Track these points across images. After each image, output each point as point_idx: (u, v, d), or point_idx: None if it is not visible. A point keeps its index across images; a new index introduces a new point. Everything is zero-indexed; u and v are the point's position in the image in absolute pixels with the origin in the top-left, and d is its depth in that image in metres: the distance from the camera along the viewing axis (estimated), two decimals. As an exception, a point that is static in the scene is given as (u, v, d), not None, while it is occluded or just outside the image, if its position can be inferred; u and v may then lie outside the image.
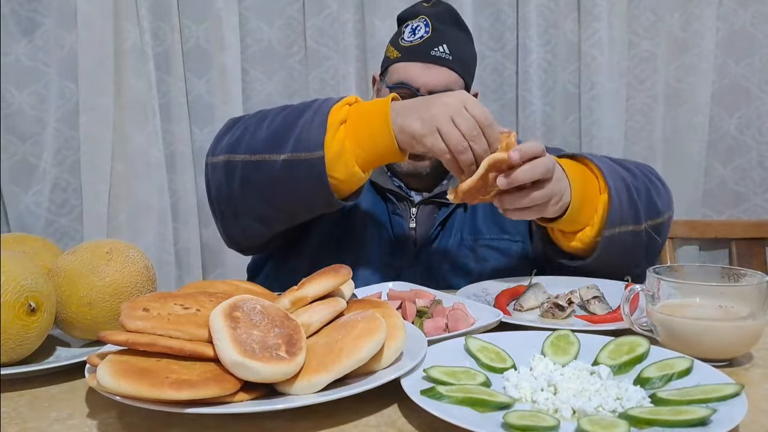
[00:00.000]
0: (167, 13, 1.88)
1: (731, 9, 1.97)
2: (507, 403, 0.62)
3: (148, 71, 1.85)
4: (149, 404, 0.57)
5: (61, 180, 1.87)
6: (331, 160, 0.97)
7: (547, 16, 1.98)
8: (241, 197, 1.07)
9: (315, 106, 1.02)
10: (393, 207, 1.28)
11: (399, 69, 1.24)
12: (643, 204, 1.09)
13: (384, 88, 1.27)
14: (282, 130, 1.02)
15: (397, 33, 1.29)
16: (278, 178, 1.01)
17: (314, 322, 0.69)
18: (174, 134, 1.92)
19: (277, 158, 1.00)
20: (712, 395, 0.60)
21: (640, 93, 2.02)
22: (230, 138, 1.09)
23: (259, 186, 1.04)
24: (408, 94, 1.22)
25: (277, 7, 1.94)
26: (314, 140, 0.97)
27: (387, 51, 1.30)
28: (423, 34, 1.23)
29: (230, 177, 1.06)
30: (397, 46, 1.26)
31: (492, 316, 0.86)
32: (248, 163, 1.03)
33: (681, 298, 0.78)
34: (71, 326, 0.81)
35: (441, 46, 1.23)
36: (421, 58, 1.22)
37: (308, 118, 1.00)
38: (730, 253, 1.99)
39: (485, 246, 1.28)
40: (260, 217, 1.10)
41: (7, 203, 1.84)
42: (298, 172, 0.99)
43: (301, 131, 0.99)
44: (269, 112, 1.10)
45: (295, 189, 1.01)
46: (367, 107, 1.01)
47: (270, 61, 1.96)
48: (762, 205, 2.03)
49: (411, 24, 1.26)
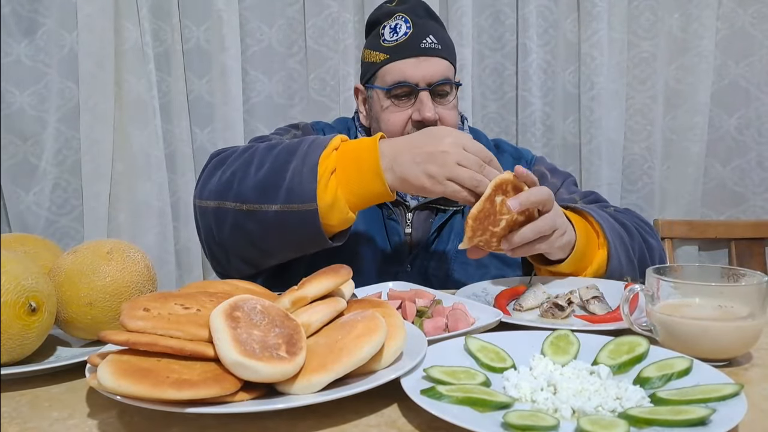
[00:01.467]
0: (168, 14, 1.88)
1: (731, 9, 1.97)
2: (507, 403, 0.62)
3: (148, 71, 1.85)
4: (149, 404, 0.57)
5: (62, 180, 1.87)
6: (324, 209, 0.96)
7: (547, 16, 1.98)
8: (233, 243, 1.06)
9: (302, 151, 1.00)
10: (388, 212, 1.27)
11: (392, 69, 1.23)
12: (638, 261, 1.13)
13: (376, 92, 1.26)
14: (272, 179, 1.00)
15: (374, 37, 1.27)
16: (271, 227, 1.00)
17: (314, 322, 0.69)
18: (174, 134, 1.92)
19: (269, 209, 0.99)
20: (712, 395, 0.60)
21: (640, 93, 2.02)
22: (219, 182, 1.06)
23: (252, 234, 1.03)
24: (407, 91, 1.22)
25: (277, 7, 1.94)
26: (306, 192, 0.96)
27: (367, 57, 1.28)
28: (406, 30, 1.22)
29: (221, 223, 1.05)
30: (380, 48, 1.24)
31: (492, 316, 0.86)
32: (240, 212, 1.02)
33: (681, 298, 0.78)
34: (72, 326, 0.81)
35: (428, 38, 1.23)
36: (412, 53, 1.22)
37: (297, 166, 0.98)
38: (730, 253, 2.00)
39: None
40: (251, 260, 1.10)
41: (7, 203, 1.84)
42: (292, 222, 0.98)
43: (292, 181, 0.97)
44: (256, 152, 1.06)
45: (287, 237, 1.01)
46: (355, 152, 0.99)
47: (270, 62, 1.96)
48: (761, 205, 2.03)
49: (388, 24, 1.25)
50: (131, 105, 1.86)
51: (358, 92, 1.35)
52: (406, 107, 1.23)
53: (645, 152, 2.03)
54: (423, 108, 1.20)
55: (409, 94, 1.23)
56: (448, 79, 1.24)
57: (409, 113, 1.22)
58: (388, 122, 1.24)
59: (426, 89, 1.21)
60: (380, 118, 1.26)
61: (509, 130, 2.03)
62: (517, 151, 1.42)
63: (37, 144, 1.84)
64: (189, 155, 1.93)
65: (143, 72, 1.85)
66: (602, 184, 1.99)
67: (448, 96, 1.25)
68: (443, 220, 1.27)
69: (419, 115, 1.20)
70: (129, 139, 1.86)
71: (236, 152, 1.09)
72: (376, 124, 1.29)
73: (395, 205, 1.27)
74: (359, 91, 1.34)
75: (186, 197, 1.93)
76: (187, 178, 1.93)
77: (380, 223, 1.27)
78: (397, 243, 1.26)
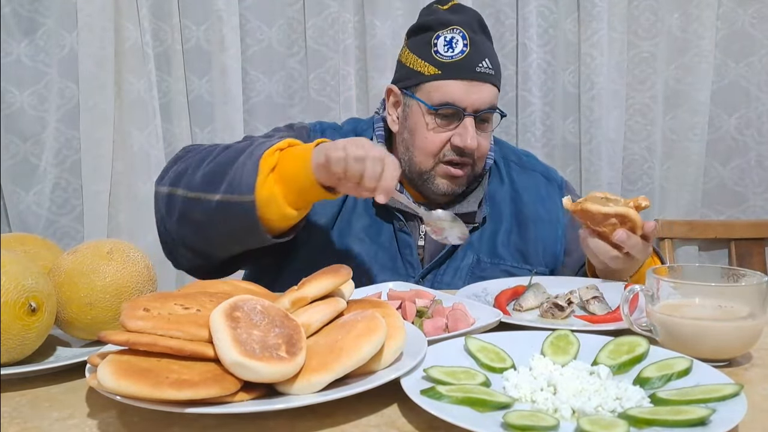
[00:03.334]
0: (168, 14, 1.88)
1: (731, 9, 1.97)
2: (506, 403, 0.62)
3: (148, 71, 1.85)
4: (149, 404, 0.57)
5: (62, 180, 1.87)
6: (261, 203, 0.99)
7: (547, 16, 1.98)
8: (179, 230, 1.10)
9: (250, 149, 1.04)
10: (400, 224, 1.23)
11: (441, 88, 1.18)
12: None
13: (418, 104, 1.20)
14: (218, 171, 1.04)
15: (424, 44, 1.21)
16: (213, 216, 1.04)
17: (314, 322, 0.69)
18: (174, 134, 1.92)
19: (212, 198, 1.03)
20: (712, 395, 0.60)
21: (640, 93, 2.02)
22: (175, 170, 1.11)
23: (196, 222, 1.07)
24: (452, 113, 1.18)
25: (277, 7, 1.94)
26: (245, 184, 0.99)
27: (412, 63, 1.22)
28: (463, 48, 1.18)
29: (170, 210, 1.09)
30: (432, 60, 1.19)
31: (492, 316, 0.86)
32: (186, 200, 1.06)
33: (680, 298, 0.78)
34: (72, 326, 0.81)
35: (483, 61, 1.18)
36: (465, 76, 1.17)
37: (241, 161, 1.02)
38: (730, 253, 2.00)
39: (504, 271, 1.24)
40: (197, 250, 1.12)
41: (7, 203, 1.84)
42: (231, 212, 1.01)
43: (234, 174, 1.02)
44: (213, 149, 1.11)
45: (228, 228, 1.04)
46: (294, 151, 1.03)
47: (270, 62, 1.96)
48: (761, 205, 2.03)
49: (443, 35, 1.19)
50: (131, 105, 1.86)
51: (391, 94, 1.27)
52: (447, 129, 1.19)
53: (645, 152, 2.03)
54: (466, 134, 1.17)
55: (453, 116, 1.19)
56: (495, 109, 1.22)
57: (449, 136, 1.19)
58: (426, 140, 1.20)
59: (471, 115, 1.18)
60: (418, 133, 1.21)
61: (509, 130, 2.03)
62: (547, 171, 1.38)
63: (37, 144, 1.84)
64: (189, 155, 1.93)
65: (143, 72, 1.85)
66: (602, 184, 1.99)
67: (489, 123, 1.23)
68: None
69: (461, 142, 1.18)
70: (129, 139, 1.86)
71: (198, 147, 1.16)
72: (409, 135, 1.24)
73: (408, 218, 1.24)
74: (392, 93, 1.27)
75: (186, 197, 1.93)
76: (187, 178, 1.93)
77: (391, 235, 1.24)
78: (408, 256, 1.23)
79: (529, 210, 1.30)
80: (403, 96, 1.25)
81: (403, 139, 1.26)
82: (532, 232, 1.29)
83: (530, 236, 1.28)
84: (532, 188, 1.33)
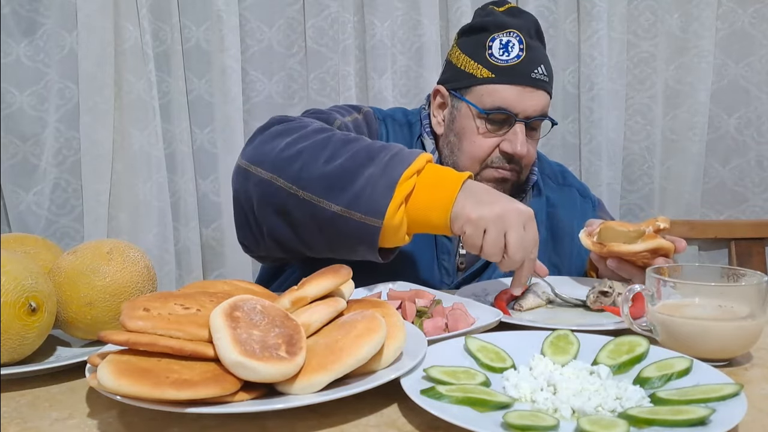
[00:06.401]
0: (167, 14, 1.88)
1: (730, 9, 1.97)
2: (506, 403, 0.62)
3: (148, 71, 1.85)
4: (149, 404, 0.57)
5: (62, 180, 1.87)
6: (388, 230, 0.91)
7: (547, 16, 1.98)
8: (275, 223, 0.98)
9: (382, 161, 0.92)
10: None
11: (495, 92, 1.15)
12: None
13: (468, 107, 1.17)
14: (342, 177, 0.92)
15: (477, 45, 1.18)
16: (323, 225, 0.93)
17: (314, 322, 0.69)
18: (174, 134, 1.92)
19: (329, 207, 0.92)
20: (712, 395, 0.60)
21: (640, 93, 2.02)
22: (279, 154, 0.97)
23: (299, 222, 0.96)
24: (504, 118, 1.16)
25: (277, 7, 1.94)
26: (376, 205, 0.89)
27: (464, 64, 1.19)
28: (519, 53, 1.15)
29: (267, 198, 0.97)
30: (486, 63, 1.16)
31: (492, 316, 0.86)
32: (293, 197, 0.94)
33: (680, 298, 0.78)
34: (72, 326, 0.81)
35: (539, 67, 1.16)
36: (520, 81, 1.15)
37: (374, 174, 0.91)
38: (730, 253, 2.00)
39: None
40: (286, 247, 1.02)
41: (7, 203, 1.84)
42: (348, 227, 0.91)
43: (364, 188, 0.90)
44: (330, 140, 0.98)
45: (337, 240, 0.95)
46: (436, 179, 0.92)
47: (270, 62, 1.96)
48: (761, 205, 2.03)
49: (499, 38, 1.16)
50: (131, 105, 1.86)
51: (437, 94, 1.24)
52: (497, 134, 1.17)
53: (645, 152, 2.03)
54: (516, 141, 1.15)
55: (504, 122, 1.16)
56: (546, 116, 1.20)
57: (497, 141, 1.17)
58: (474, 144, 1.17)
59: (523, 122, 1.16)
60: (466, 137, 1.18)
61: (509, 130, 2.02)
62: (584, 189, 1.37)
63: (37, 144, 1.84)
64: (189, 155, 1.93)
65: (143, 72, 1.85)
66: (602, 184, 1.99)
67: (538, 130, 1.21)
68: None
69: (510, 148, 1.15)
70: (129, 139, 1.86)
71: (305, 128, 1.01)
72: (455, 138, 1.20)
73: None
74: (440, 93, 1.24)
75: (186, 197, 1.93)
76: (187, 178, 1.93)
77: (431, 237, 1.20)
78: (445, 261, 1.20)
79: (565, 224, 1.29)
80: (451, 98, 1.21)
81: (448, 142, 1.22)
82: (567, 247, 1.28)
83: (565, 251, 1.28)
84: (568, 203, 1.32)
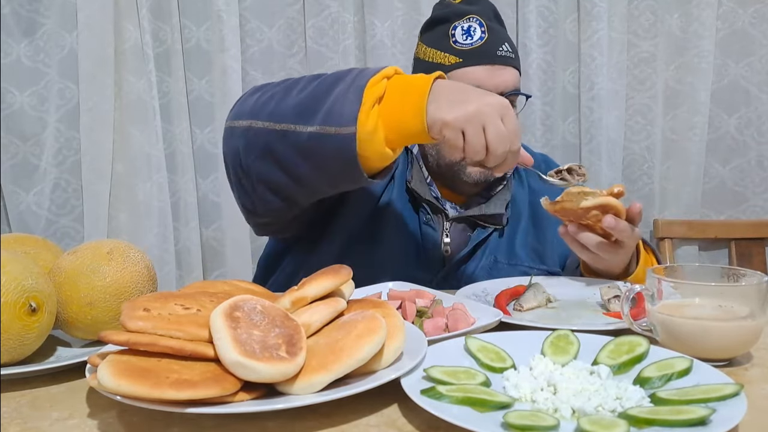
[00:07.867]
0: (167, 14, 1.88)
1: (731, 9, 1.98)
2: (507, 403, 0.62)
3: (148, 71, 1.85)
4: (149, 404, 0.57)
5: (62, 180, 1.87)
6: (363, 137, 0.88)
7: (547, 16, 1.98)
8: (261, 167, 0.99)
9: (350, 77, 0.93)
10: (426, 218, 1.22)
11: (464, 75, 1.16)
12: None
13: None
14: (312, 100, 0.93)
15: (441, 36, 1.20)
16: (303, 150, 0.93)
17: (314, 322, 0.69)
18: (174, 134, 1.92)
19: (304, 130, 0.92)
20: (712, 395, 0.60)
21: (640, 93, 2.02)
22: (254, 103, 1.00)
23: (282, 157, 0.96)
24: None
25: (277, 7, 1.94)
26: (347, 114, 0.88)
27: (431, 57, 1.21)
28: (481, 35, 1.17)
29: (251, 144, 0.98)
30: (451, 50, 1.18)
31: (492, 316, 0.86)
32: (272, 132, 0.95)
33: (680, 298, 0.78)
34: (72, 326, 0.81)
35: (503, 45, 1.18)
36: (488, 61, 1.17)
37: (342, 89, 0.91)
38: (730, 253, 2.00)
39: (522, 272, 1.23)
40: (279, 190, 1.02)
41: (7, 203, 1.84)
42: (326, 146, 0.90)
43: (334, 103, 0.90)
44: (301, 80, 1.00)
45: (320, 163, 0.94)
46: (405, 85, 0.91)
47: (270, 62, 1.96)
48: (761, 205, 2.03)
49: (460, 25, 1.18)
50: (131, 105, 1.86)
51: None
52: None
53: (645, 152, 2.03)
54: None
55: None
56: (519, 91, 1.21)
57: None
58: None
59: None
60: None
61: (509, 130, 2.03)
62: None
63: (37, 144, 1.84)
64: (189, 155, 1.93)
65: (143, 72, 1.85)
66: (602, 184, 1.99)
67: (515, 106, 1.22)
68: (481, 237, 1.23)
69: None
70: (129, 139, 1.86)
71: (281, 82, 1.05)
72: None
73: (434, 212, 1.23)
74: None
75: (186, 197, 1.93)
76: (187, 178, 1.93)
77: (416, 227, 1.22)
78: (430, 251, 1.22)
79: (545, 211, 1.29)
80: None
81: None
82: (548, 233, 1.29)
83: (546, 237, 1.29)
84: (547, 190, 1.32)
